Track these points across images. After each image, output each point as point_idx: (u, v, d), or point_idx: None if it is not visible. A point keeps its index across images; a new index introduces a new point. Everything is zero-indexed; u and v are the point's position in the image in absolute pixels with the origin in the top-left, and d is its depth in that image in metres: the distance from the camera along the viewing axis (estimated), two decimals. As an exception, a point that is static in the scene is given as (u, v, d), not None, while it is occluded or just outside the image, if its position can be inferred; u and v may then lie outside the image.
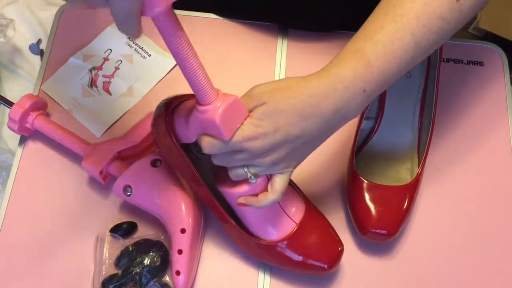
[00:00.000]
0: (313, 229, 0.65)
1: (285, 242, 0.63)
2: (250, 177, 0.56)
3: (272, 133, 0.53)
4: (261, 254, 0.66)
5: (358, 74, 0.53)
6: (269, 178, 0.59)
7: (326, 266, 0.64)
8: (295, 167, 0.58)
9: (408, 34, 0.53)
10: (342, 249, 0.65)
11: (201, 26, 0.83)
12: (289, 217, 0.64)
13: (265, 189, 0.59)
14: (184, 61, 0.50)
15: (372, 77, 0.53)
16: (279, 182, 0.57)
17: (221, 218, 0.65)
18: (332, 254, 0.65)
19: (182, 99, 0.60)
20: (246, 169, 0.56)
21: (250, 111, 0.54)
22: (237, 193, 0.60)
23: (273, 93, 0.53)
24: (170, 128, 0.59)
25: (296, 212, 0.65)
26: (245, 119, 0.54)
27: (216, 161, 0.57)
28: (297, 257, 0.64)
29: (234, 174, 0.57)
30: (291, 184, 0.66)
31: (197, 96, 0.53)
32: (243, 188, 0.59)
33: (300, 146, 0.55)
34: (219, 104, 0.52)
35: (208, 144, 0.54)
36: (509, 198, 0.74)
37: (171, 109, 0.59)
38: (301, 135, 0.54)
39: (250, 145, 0.53)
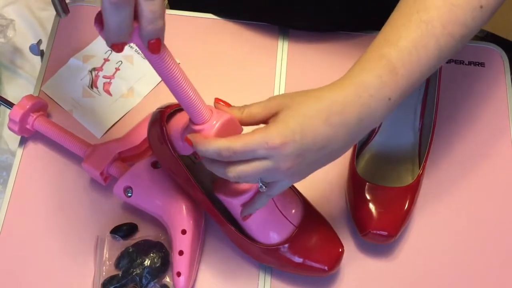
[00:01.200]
0: (312, 231, 0.65)
1: (285, 246, 0.63)
2: (261, 186, 0.53)
3: (299, 138, 0.50)
4: (261, 257, 0.66)
5: (383, 82, 0.51)
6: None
7: (326, 267, 0.64)
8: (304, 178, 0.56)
9: (433, 41, 0.51)
10: (343, 251, 0.65)
11: (201, 26, 0.83)
12: (288, 220, 0.64)
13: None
14: (175, 85, 0.50)
15: (397, 85, 0.51)
16: (279, 187, 0.55)
17: (219, 223, 0.65)
18: (333, 256, 0.64)
19: (176, 107, 0.60)
20: (259, 180, 0.53)
21: (267, 119, 0.52)
22: (235, 201, 0.59)
23: (295, 98, 0.52)
24: (165, 136, 0.59)
25: (295, 214, 0.64)
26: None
27: (228, 175, 0.53)
28: (297, 260, 0.64)
29: (247, 178, 0.53)
30: (290, 187, 0.66)
31: (191, 117, 0.52)
32: (242, 196, 0.59)
33: (322, 157, 0.53)
34: (214, 123, 0.52)
35: (227, 155, 0.50)
36: (510, 199, 0.74)
37: (165, 116, 0.59)
38: (326, 145, 0.51)
39: (278, 152, 0.50)
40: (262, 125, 0.53)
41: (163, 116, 0.59)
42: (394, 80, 0.51)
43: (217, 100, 0.55)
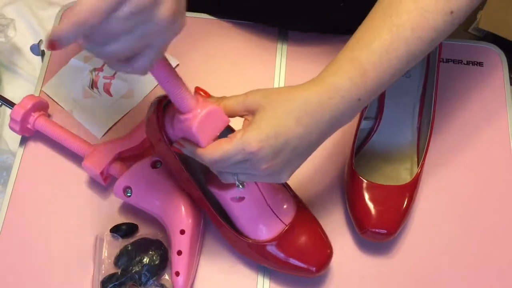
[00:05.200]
0: (302, 231, 0.65)
1: (273, 243, 0.64)
2: (238, 185, 0.56)
3: (273, 141, 0.52)
4: (250, 253, 0.66)
5: (354, 84, 0.53)
6: None
7: (314, 269, 0.64)
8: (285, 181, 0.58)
9: (403, 45, 0.53)
10: (331, 253, 0.65)
11: (201, 27, 0.84)
12: (278, 217, 0.64)
13: (255, 190, 0.61)
14: (159, 73, 0.51)
15: (367, 87, 0.54)
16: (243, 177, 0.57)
17: (210, 216, 0.65)
18: (321, 257, 0.65)
19: None
20: (235, 177, 0.56)
21: (242, 115, 0.55)
22: (226, 194, 0.60)
23: (269, 97, 0.54)
24: (161, 126, 0.59)
25: (286, 213, 0.65)
26: (227, 126, 0.55)
27: (212, 168, 0.57)
28: (285, 258, 0.64)
29: (224, 178, 0.57)
30: (283, 184, 0.67)
31: (176, 105, 0.53)
32: (232, 190, 0.60)
33: (297, 156, 0.55)
34: (198, 111, 0.53)
35: (208, 163, 0.54)
36: (508, 198, 0.74)
37: (162, 106, 0.60)
38: (299, 145, 0.53)
39: (254, 155, 0.52)
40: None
41: (160, 105, 0.60)
42: (364, 82, 0.53)
43: (197, 89, 0.56)
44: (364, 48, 0.54)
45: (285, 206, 0.65)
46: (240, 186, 0.56)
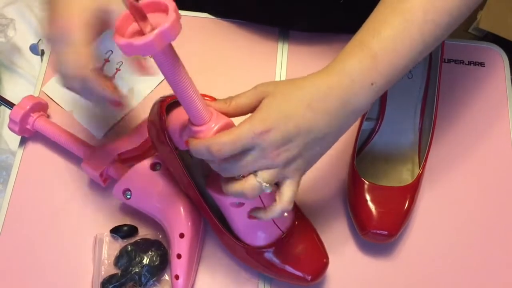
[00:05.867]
0: (300, 239, 0.64)
1: (270, 249, 0.63)
2: (264, 186, 0.52)
3: (283, 125, 0.51)
4: (247, 259, 0.66)
5: (364, 67, 0.52)
6: (274, 189, 0.56)
7: (309, 277, 0.63)
8: (304, 172, 0.56)
9: (416, 29, 0.53)
10: (327, 262, 0.64)
11: (201, 27, 0.83)
12: (277, 225, 0.63)
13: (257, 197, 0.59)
14: (178, 86, 0.50)
15: (380, 71, 0.52)
16: (287, 190, 0.54)
17: (209, 222, 0.65)
18: (317, 266, 0.64)
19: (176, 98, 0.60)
20: (258, 178, 0.52)
21: (254, 108, 0.53)
22: (226, 199, 0.59)
23: (279, 85, 0.53)
24: (164, 127, 0.59)
25: (284, 220, 0.64)
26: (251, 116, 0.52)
27: (225, 172, 0.54)
28: (281, 266, 0.64)
29: (249, 187, 0.53)
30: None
31: (190, 117, 0.53)
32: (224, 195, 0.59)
33: (311, 142, 0.53)
34: (213, 125, 0.52)
35: (217, 149, 0.51)
36: (510, 199, 0.74)
37: (165, 106, 0.59)
38: (311, 129, 0.52)
39: (262, 139, 0.50)
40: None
41: (162, 105, 0.59)
42: (375, 65, 0.52)
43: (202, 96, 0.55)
44: (374, 33, 0.53)
45: (284, 214, 0.64)
46: (267, 186, 0.52)
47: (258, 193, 0.53)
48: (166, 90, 0.78)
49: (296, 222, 0.65)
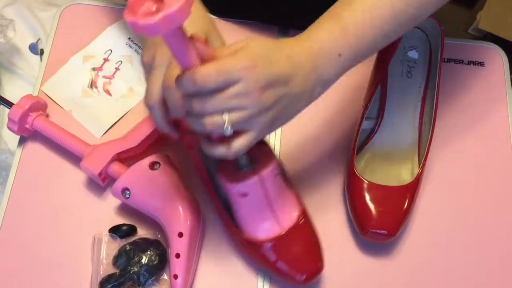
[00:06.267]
0: (299, 238, 0.64)
1: (268, 244, 0.64)
2: (226, 127, 0.50)
3: (268, 66, 0.51)
4: (246, 249, 0.67)
5: (333, 37, 0.54)
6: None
7: (303, 278, 0.63)
8: (263, 132, 0.54)
9: (388, 5, 0.54)
10: (322, 266, 0.64)
11: (201, 26, 0.83)
12: (278, 220, 0.64)
13: (259, 188, 0.60)
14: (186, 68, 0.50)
15: (348, 42, 0.54)
16: (242, 140, 0.53)
17: (216, 207, 0.67)
18: (311, 269, 0.64)
19: None
20: (224, 116, 0.50)
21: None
22: (233, 187, 0.61)
23: (261, 40, 0.52)
24: None
25: (288, 218, 0.64)
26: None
27: (200, 108, 0.51)
28: (276, 262, 0.64)
29: (211, 122, 0.51)
30: (291, 189, 0.66)
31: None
32: (241, 183, 0.60)
33: (286, 97, 0.52)
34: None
35: (202, 79, 0.49)
36: (509, 198, 0.74)
37: None
38: (289, 81, 0.52)
39: (249, 73, 0.49)
40: None
41: None
42: (344, 36, 0.54)
43: (194, 38, 0.51)
44: (346, 5, 0.55)
45: (288, 211, 0.65)
46: (229, 128, 0.51)
47: (217, 130, 0.51)
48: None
49: (301, 222, 0.65)
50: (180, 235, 0.64)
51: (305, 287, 0.65)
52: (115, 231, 0.68)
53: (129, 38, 0.81)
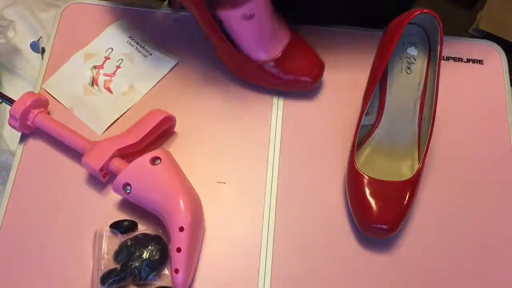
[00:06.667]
0: (297, 51, 0.74)
1: (270, 63, 0.72)
2: None
3: None
4: (253, 74, 0.75)
5: None
6: None
7: (310, 80, 0.74)
8: None
9: None
10: (323, 66, 0.75)
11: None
12: (276, 43, 0.72)
13: (263, 6, 0.67)
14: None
15: None
16: None
17: (216, 38, 0.71)
18: (315, 71, 0.75)
19: None
20: None
21: None
22: (239, 10, 0.66)
23: None
24: None
25: (283, 35, 0.73)
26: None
27: None
28: (282, 75, 0.73)
29: None
30: (278, 16, 0.74)
31: None
32: (245, 5, 0.66)
33: None
34: None
35: None
36: (509, 194, 0.74)
37: None
38: None
39: None
40: None
41: None
42: None
43: None
44: None
45: (281, 32, 0.73)
46: None
47: None
48: (166, 90, 0.78)
49: (293, 41, 0.74)
50: (181, 229, 0.64)
51: (311, 88, 0.76)
52: (116, 226, 0.68)
53: (130, 37, 0.82)
